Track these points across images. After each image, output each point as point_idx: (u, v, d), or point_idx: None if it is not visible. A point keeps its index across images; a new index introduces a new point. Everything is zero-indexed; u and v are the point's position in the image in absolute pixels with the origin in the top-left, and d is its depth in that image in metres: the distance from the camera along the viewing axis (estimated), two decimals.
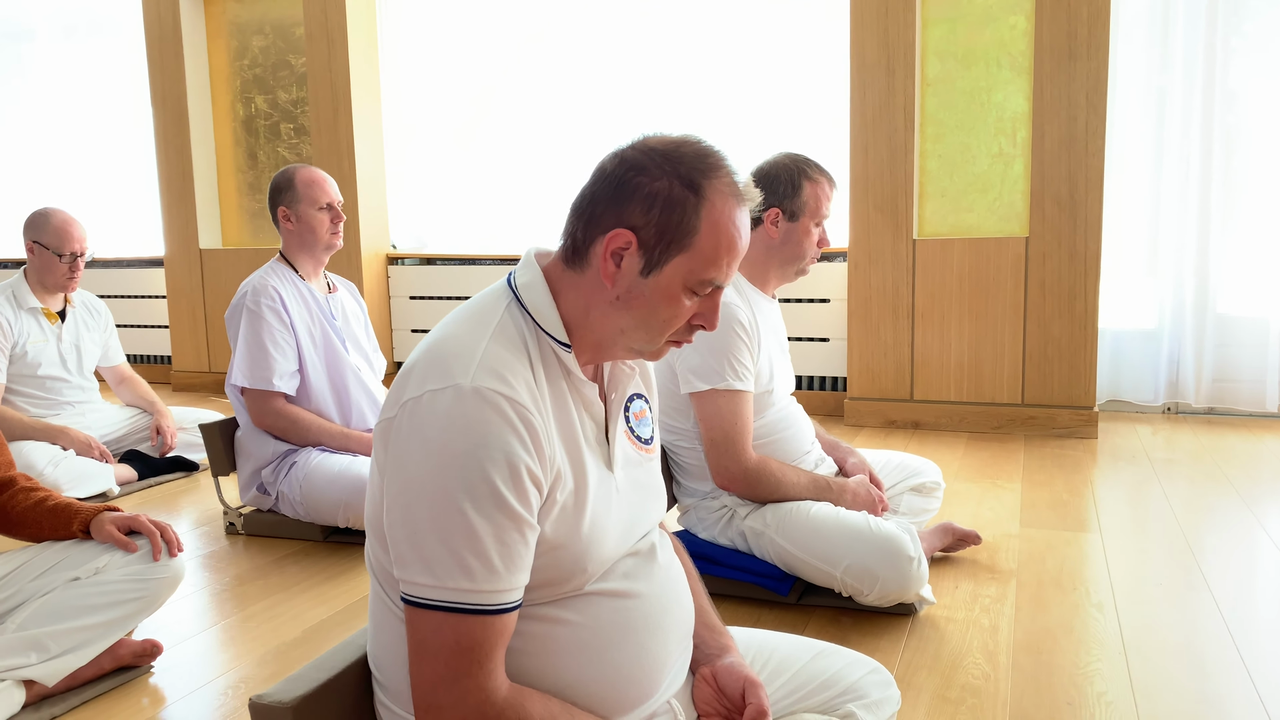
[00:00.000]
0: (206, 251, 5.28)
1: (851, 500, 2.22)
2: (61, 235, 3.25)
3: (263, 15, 5.13)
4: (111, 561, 1.87)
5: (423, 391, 1.08)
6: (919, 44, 3.89)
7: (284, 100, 5.14)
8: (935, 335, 3.97)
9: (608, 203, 1.14)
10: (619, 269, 1.13)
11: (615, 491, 1.21)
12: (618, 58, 4.61)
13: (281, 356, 2.75)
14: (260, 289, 2.79)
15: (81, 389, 3.45)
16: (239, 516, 2.86)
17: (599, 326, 1.17)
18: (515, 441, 1.05)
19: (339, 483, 2.62)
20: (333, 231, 2.90)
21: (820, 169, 2.30)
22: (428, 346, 1.14)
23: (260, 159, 5.25)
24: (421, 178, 5.10)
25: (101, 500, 3.22)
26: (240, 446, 2.84)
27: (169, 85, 5.20)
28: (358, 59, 4.83)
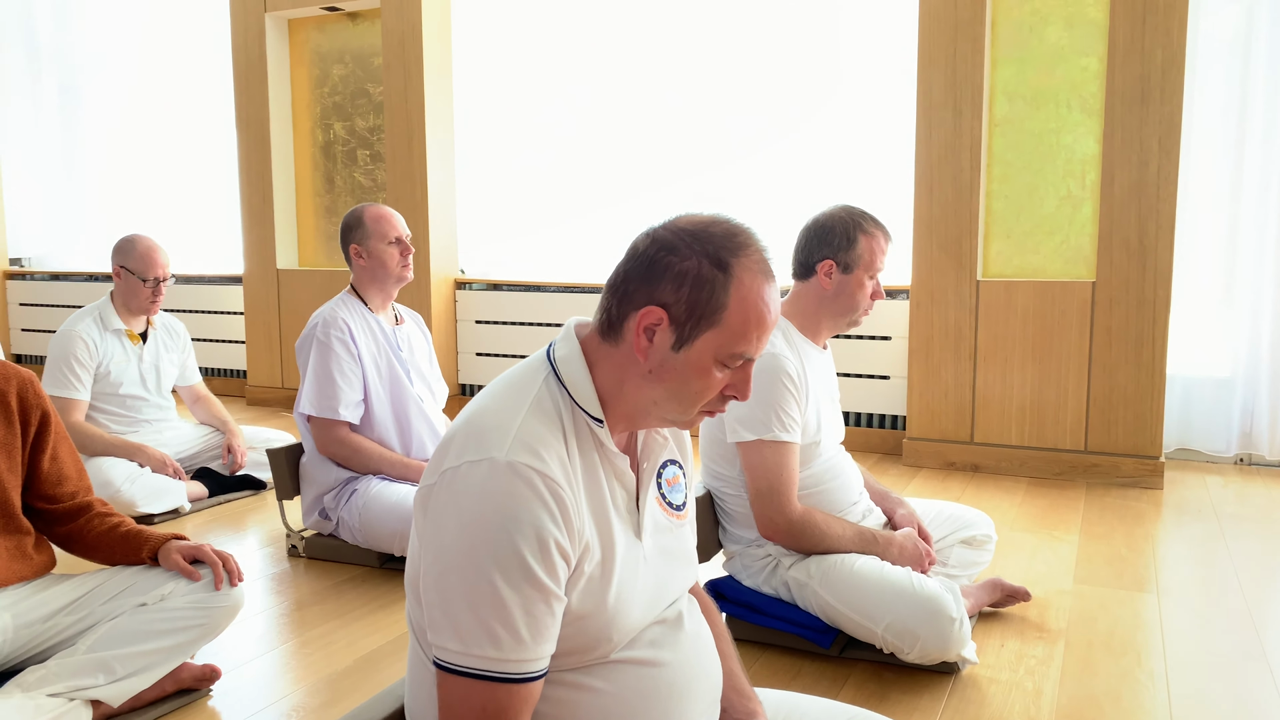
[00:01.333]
0: (283, 271, 5.46)
1: (898, 554, 2.21)
2: (146, 261, 3.41)
3: (344, 45, 5.30)
4: (176, 589, 1.96)
5: (460, 462, 1.13)
6: (987, 84, 3.86)
7: (361, 127, 5.31)
8: (997, 377, 3.92)
9: (640, 280, 1.18)
10: (651, 344, 1.17)
11: (643, 560, 1.25)
12: (686, 93, 4.66)
13: (348, 387, 2.85)
14: (330, 321, 2.89)
15: (159, 407, 3.61)
16: (301, 539, 2.96)
17: (633, 398, 1.21)
18: (545, 516, 1.10)
19: (396, 513, 2.69)
20: (403, 264, 2.99)
21: (876, 222, 2.31)
22: (468, 417, 1.19)
23: (337, 183, 5.42)
24: (491, 205, 5.22)
25: (174, 516, 3.36)
26: (305, 472, 2.94)
27: (253, 109, 5.40)
28: (433, 89, 4.96)
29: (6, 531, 1.96)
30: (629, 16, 4.73)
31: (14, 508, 1.97)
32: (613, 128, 4.84)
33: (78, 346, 3.37)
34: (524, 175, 5.10)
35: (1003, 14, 3.85)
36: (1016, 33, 3.84)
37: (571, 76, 4.90)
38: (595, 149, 4.90)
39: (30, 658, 1.92)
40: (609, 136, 4.85)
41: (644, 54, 4.73)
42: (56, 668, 1.84)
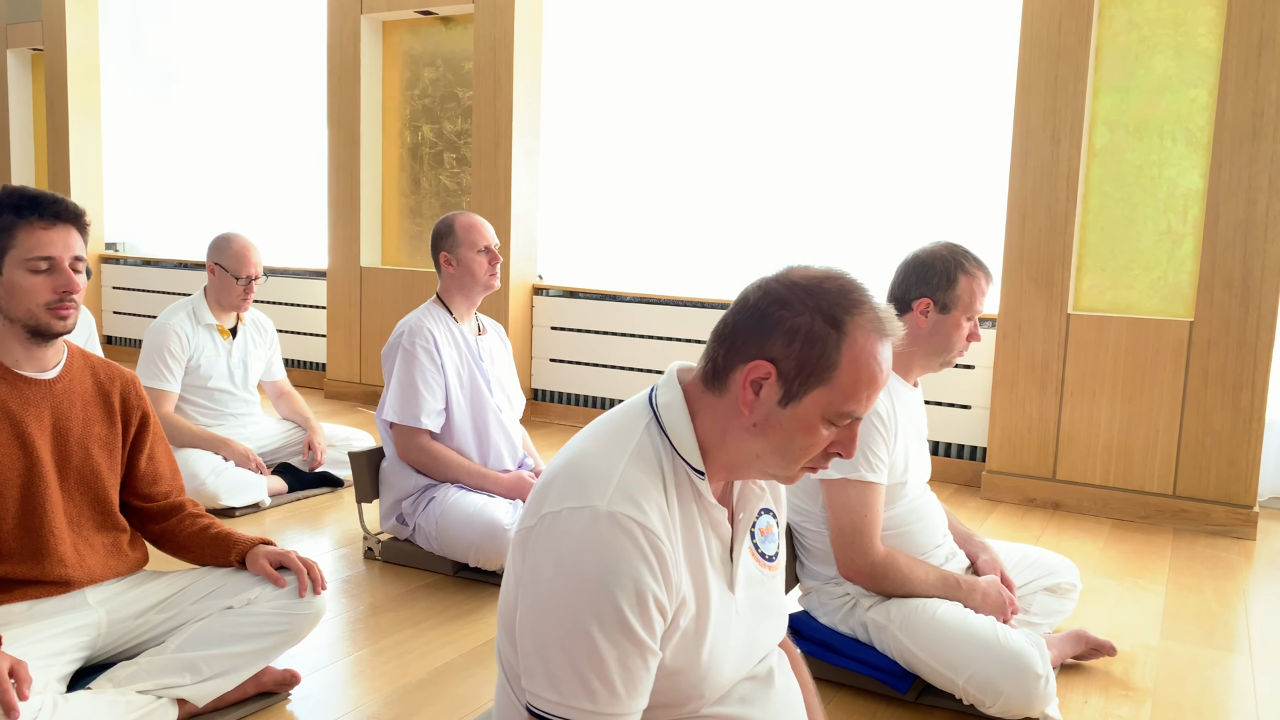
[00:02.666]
0: (366, 269, 5.56)
1: (981, 601, 2.16)
2: (240, 260, 3.50)
3: (435, 48, 5.38)
4: (262, 594, 2.00)
5: (561, 508, 1.13)
6: (1088, 112, 3.76)
7: (449, 131, 5.38)
8: (1084, 414, 3.81)
9: (749, 333, 1.16)
10: (757, 398, 1.16)
11: (735, 614, 1.23)
12: (776, 111, 4.63)
13: (430, 395, 2.88)
14: (416, 330, 2.93)
15: (245, 402, 3.70)
16: (378, 543, 3.00)
17: (734, 450, 1.19)
18: (645, 569, 1.09)
19: (474, 524, 2.71)
20: (490, 273, 3.01)
21: (978, 263, 2.25)
22: (568, 460, 1.19)
23: (423, 185, 5.50)
24: (572, 213, 5.24)
25: (254, 510, 3.44)
26: (384, 476, 2.99)
27: (345, 109, 5.51)
28: (521, 95, 5.00)
29: (104, 528, 2.01)
30: (721, 35, 4.71)
31: (112, 505, 2.03)
32: (698, 144, 4.82)
33: (171, 339, 3.46)
34: (606, 184, 5.11)
35: (1108, 41, 3.74)
36: (1121, 60, 3.72)
37: (659, 90, 4.89)
38: (679, 163, 4.89)
39: (121, 652, 1.98)
40: (693, 152, 4.84)
41: (735, 72, 4.70)
42: (146, 665, 1.89)
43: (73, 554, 1.93)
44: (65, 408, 1.95)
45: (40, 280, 1.84)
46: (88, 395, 2.00)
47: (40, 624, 1.85)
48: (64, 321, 1.88)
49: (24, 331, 1.87)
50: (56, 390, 1.94)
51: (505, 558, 2.70)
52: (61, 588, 1.91)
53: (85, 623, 1.91)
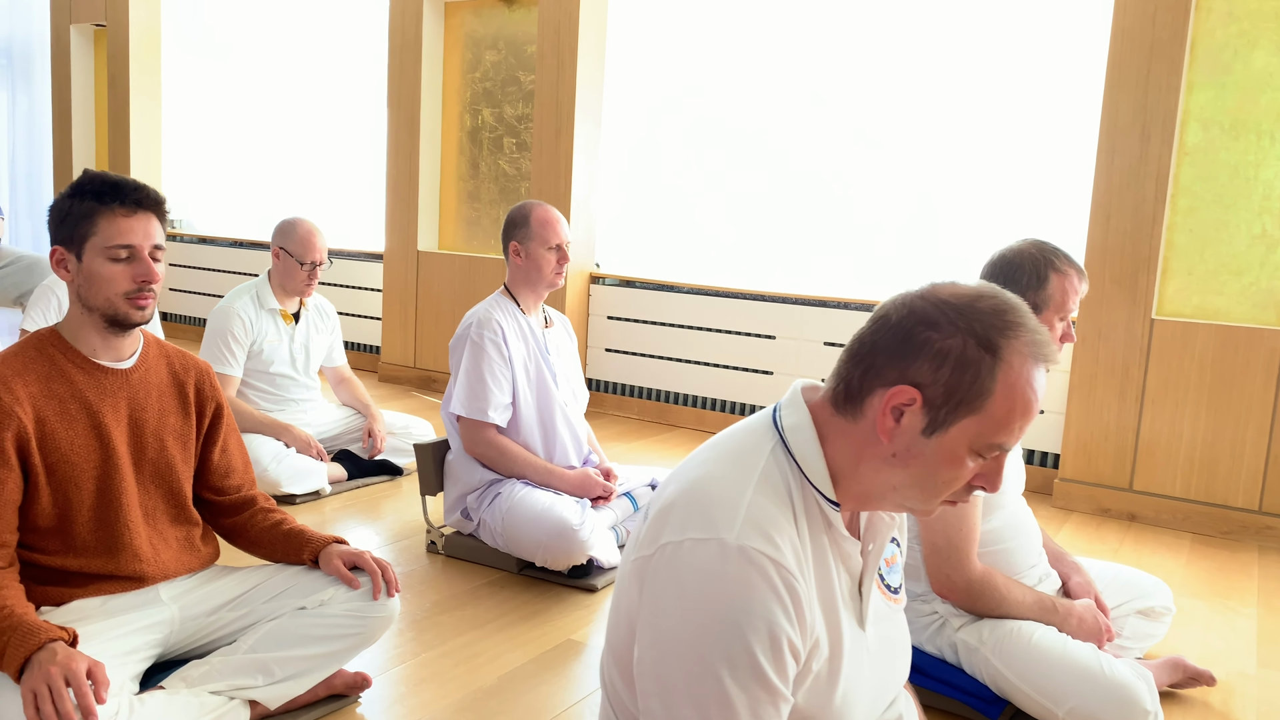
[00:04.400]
0: (423, 253, 5.52)
1: (1077, 626, 2.05)
2: (305, 245, 3.46)
3: (498, 31, 5.30)
4: (335, 596, 1.95)
5: (684, 538, 1.05)
6: (1180, 109, 3.59)
7: (509, 115, 5.31)
8: (1165, 423, 3.66)
9: (891, 355, 1.07)
10: (898, 425, 1.07)
11: (866, 652, 1.15)
12: (848, 101, 4.50)
13: (498, 389, 2.82)
14: (484, 322, 2.86)
15: (306, 387, 3.66)
16: (441, 537, 2.95)
17: (869, 480, 1.11)
18: (779, 611, 1.01)
19: (541, 522, 2.65)
20: (556, 271, 2.95)
21: (1069, 260, 2.15)
22: (687, 485, 1.11)
23: (481, 169, 5.44)
24: (630, 202, 5.15)
25: (314, 497, 3.41)
26: (449, 470, 2.93)
27: (405, 91, 5.46)
28: (584, 81, 4.91)
29: (177, 522, 1.97)
30: (792, 20, 4.59)
31: (186, 498, 1.99)
32: (761, 133, 4.71)
33: (234, 323, 3.43)
34: (665, 173, 5.02)
35: (1204, 35, 3.57)
36: (1219, 55, 3.55)
37: (722, 77, 4.78)
38: (740, 153, 4.78)
39: (191, 650, 1.94)
40: (756, 141, 4.73)
41: (804, 60, 4.57)
42: (219, 665, 1.85)
43: (147, 548, 1.89)
44: (141, 398, 1.91)
45: (120, 269, 1.80)
46: (163, 385, 1.96)
47: (114, 620, 1.81)
48: (142, 311, 1.83)
49: (102, 321, 1.83)
50: (133, 380, 1.90)
51: (573, 558, 2.65)
52: (136, 583, 1.87)
53: (158, 620, 1.87)
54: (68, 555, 1.82)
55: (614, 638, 1.14)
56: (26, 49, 7.74)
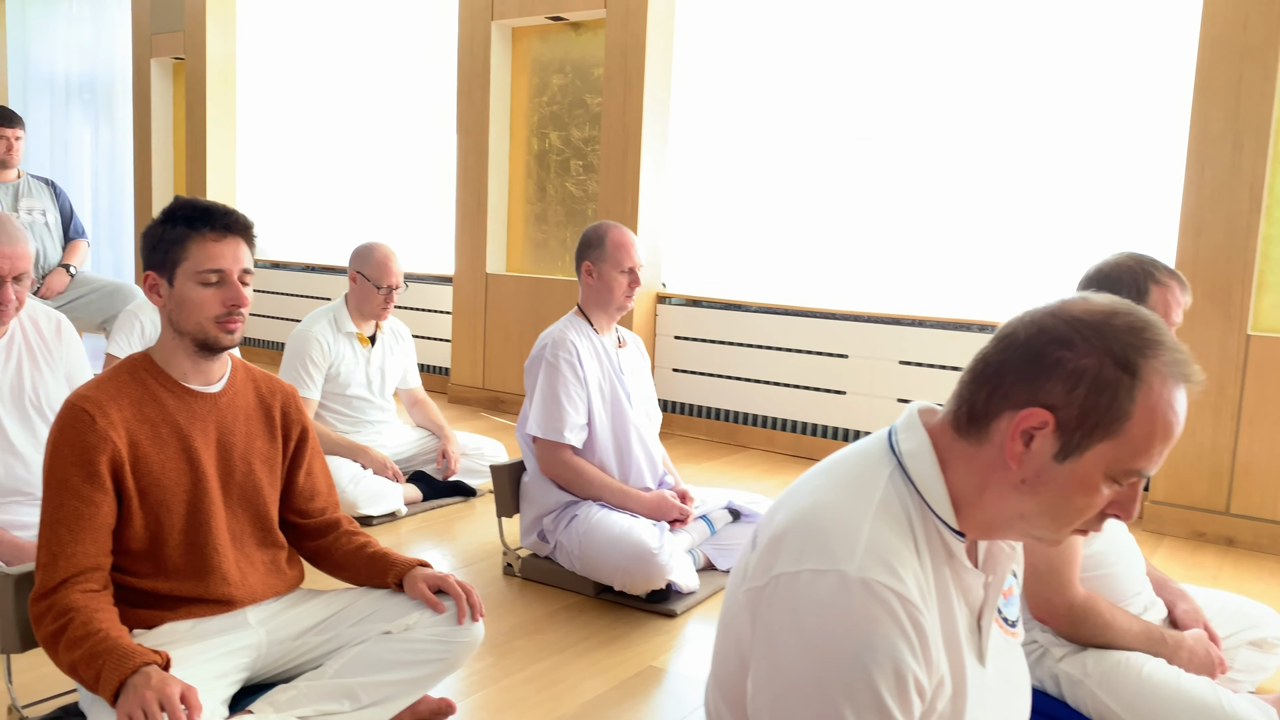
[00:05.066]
0: (492, 275, 5.55)
1: (1188, 659, 1.95)
2: (381, 269, 3.49)
3: (565, 55, 5.33)
4: (421, 620, 1.93)
5: (800, 569, 1.00)
6: (1275, 116, 3.46)
7: (576, 137, 5.32)
8: (1265, 444, 3.50)
9: (1020, 375, 1.01)
10: (1028, 450, 1.01)
11: (987, 689, 1.09)
12: (918, 112, 4.42)
13: (573, 410, 2.80)
14: (559, 342, 2.85)
15: (382, 409, 3.69)
16: (517, 559, 2.93)
17: (994, 508, 1.05)
18: (904, 647, 0.95)
19: (620, 546, 2.62)
20: (627, 294, 2.93)
21: (1170, 272, 2.06)
22: (800, 514, 1.06)
23: (549, 192, 5.46)
24: (696, 220, 5.12)
25: (390, 519, 3.42)
26: (525, 491, 2.92)
27: (474, 116, 5.51)
28: (652, 102, 4.91)
29: (264, 545, 1.98)
30: (859, 34, 4.53)
31: (272, 521, 1.99)
32: (832, 149, 4.65)
33: (312, 347, 3.47)
34: (732, 190, 4.98)
35: None
36: None
37: (788, 93, 4.74)
38: (807, 169, 4.72)
39: (278, 674, 1.93)
40: (827, 158, 4.67)
41: (872, 72, 4.51)
42: (306, 689, 1.84)
43: (235, 571, 1.90)
44: (229, 421, 1.92)
45: (210, 293, 1.81)
46: (250, 409, 1.97)
47: (204, 644, 1.82)
48: (231, 335, 1.85)
49: (192, 345, 1.84)
50: (221, 404, 1.91)
51: (652, 583, 2.61)
52: (224, 606, 1.88)
53: (247, 643, 1.87)
54: (159, 578, 1.83)
55: (722, 670, 1.10)
56: (109, 84, 8.00)
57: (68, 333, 2.58)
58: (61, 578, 1.69)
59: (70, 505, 1.72)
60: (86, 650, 1.61)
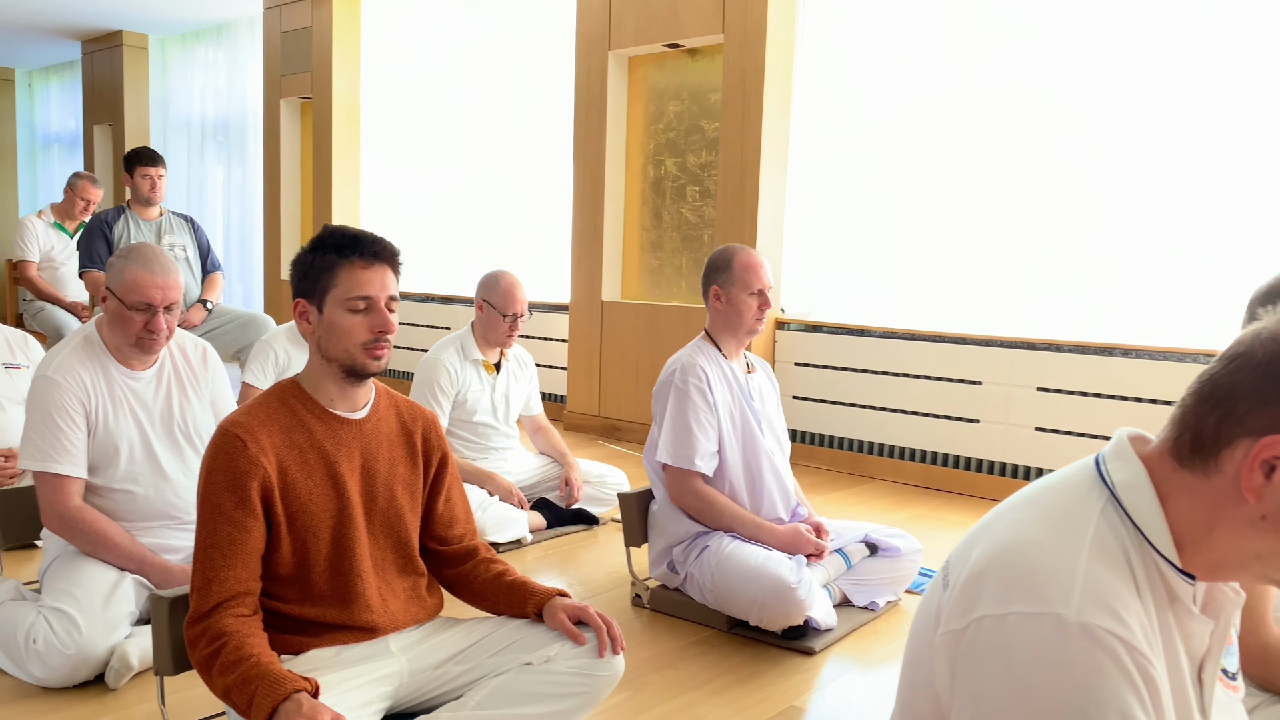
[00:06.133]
0: (607, 303, 5.55)
1: None
2: (507, 297, 3.51)
3: (681, 82, 5.33)
4: (561, 651, 1.88)
5: (1007, 612, 0.91)
6: None
7: (693, 163, 5.30)
8: None
9: (1258, 399, 0.91)
10: (1268, 482, 0.90)
11: None
12: (1059, 132, 4.24)
13: (704, 437, 2.74)
14: (689, 368, 2.79)
15: (506, 436, 3.70)
16: (646, 590, 2.88)
17: (1225, 547, 0.94)
18: (1134, 701, 0.85)
19: (756, 580, 2.53)
20: (757, 317, 2.86)
21: None
22: (1002, 550, 0.97)
23: (664, 219, 5.45)
24: (819, 245, 5.02)
25: (516, 546, 3.41)
26: (654, 520, 2.86)
27: (590, 145, 5.55)
28: (770, 126, 4.85)
29: (405, 572, 1.97)
30: (984, 52, 4.39)
31: (413, 549, 1.98)
32: (957, 169, 4.50)
33: (441, 374, 3.51)
34: (855, 214, 4.87)
35: None
36: None
37: (917, 112, 4.61)
38: (933, 190, 4.58)
39: (418, 704, 1.91)
40: (950, 177, 4.52)
41: (1003, 88, 4.35)
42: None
43: (378, 599, 1.89)
44: (373, 448, 1.92)
45: (358, 320, 1.82)
46: (393, 435, 1.97)
47: (349, 671, 1.81)
48: (378, 361, 1.85)
49: (340, 371, 1.85)
50: (365, 430, 1.92)
51: (790, 618, 2.51)
52: (368, 634, 1.87)
53: (389, 671, 1.85)
54: (305, 604, 1.83)
55: (909, 715, 1.01)
56: (241, 126, 8.39)
57: (213, 360, 2.65)
58: (215, 602, 1.71)
59: (223, 530, 1.74)
60: (239, 675, 1.62)
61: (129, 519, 2.47)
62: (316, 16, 7.07)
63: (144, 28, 8.77)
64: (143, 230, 4.83)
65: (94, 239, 4.74)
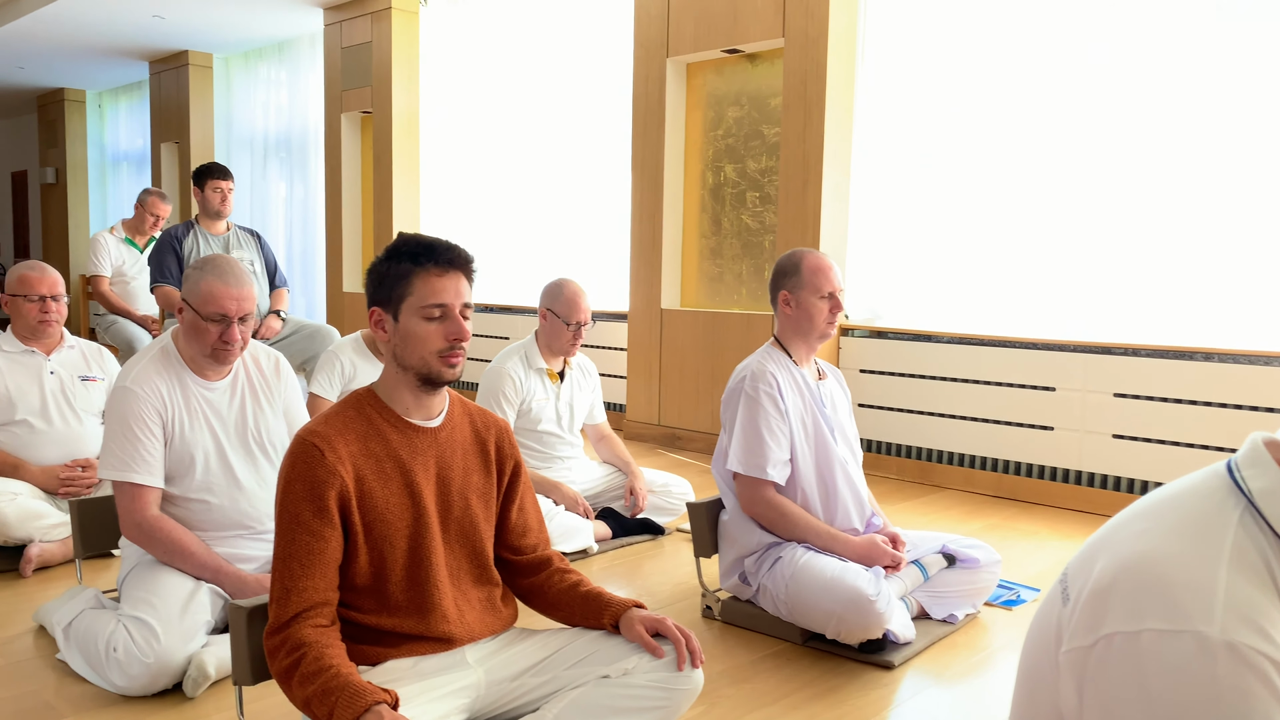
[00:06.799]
0: (666, 311, 5.52)
1: None
2: (571, 306, 3.49)
3: (740, 87, 5.28)
4: (640, 664, 1.85)
5: (1141, 629, 0.85)
6: None
7: (752, 169, 5.25)
8: None
9: None
10: None
11: None
12: (1128, 124, 4.12)
13: (776, 445, 2.68)
14: (759, 374, 2.74)
15: (571, 445, 3.68)
16: (717, 601, 2.83)
17: None
18: None
19: (832, 591, 2.47)
20: (829, 321, 2.80)
21: None
22: (1129, 563, 0.91)
23: (724, 225, 5.40)
24: (881, 250, 4.94)
25: (582, 556, 3.38)
26: (724, 531, 2.81)
27: (649, 152, 5.53)
28: (833, 129, 4.78)
29: (480, 582, 1.95)
30: (1054, 48, 4.28)
31: (488, 558, 1.96)
32: (1026, 168, 4.39)
33: (506, 383, 3.50)
34: (920, 217, 4.77)
35: None
36: None
37: (983, 109, 4.51)
38: (1002, 191, 4.47)
39: (495, 716, 1.88)
40: (1019, 177, 4.41)
41: (1072, 86, 4.24)
42: None
43: (454, 609, 1.87)
44: (448, 456, 1.91)
45: (434, 328, 1.81)
46: (467, 444, 1.95)
47: (426, 682, 1.79)
48: (453, 369, 1.84)
49: (415, 379, 1.84)
50: (440, 438, 1.90)
51: (869, 632, 2.44)
52: (444, 644, 1.85)
53: (467, 683, 1.83)
54: (382, 614, 1.82)
55: None
56: (302, 140, 8.53)
57: (285, 370, 2.67)
58: (294, 612, 1.70)
59: (301, 540, 1.73)
60: (319, 686, 1.61)
61: (204, 528, 2.49)
62: (376, 31, 7.16)
63: (209, 47, 8.96)
64: (211, 245, 4.91)
65: (164, 254, 4.83)
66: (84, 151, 11.54)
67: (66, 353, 3.48)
